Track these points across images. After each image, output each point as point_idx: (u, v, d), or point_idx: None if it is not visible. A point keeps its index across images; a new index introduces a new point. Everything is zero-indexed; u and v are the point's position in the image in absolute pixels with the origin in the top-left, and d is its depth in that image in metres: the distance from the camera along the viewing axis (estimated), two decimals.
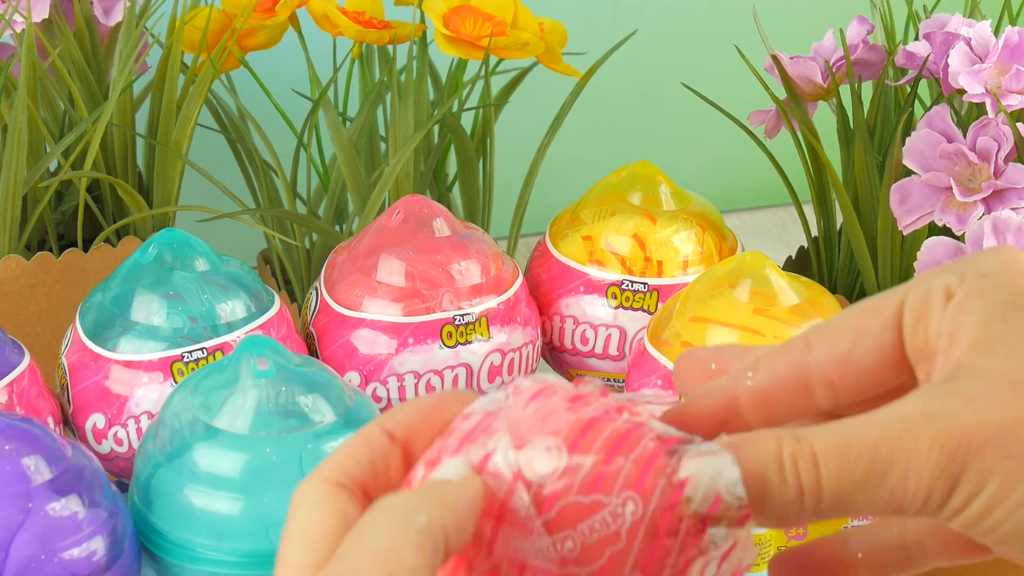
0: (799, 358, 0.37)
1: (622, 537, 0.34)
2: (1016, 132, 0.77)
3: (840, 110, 0.87)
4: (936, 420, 0.33)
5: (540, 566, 0.34)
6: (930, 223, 0.80)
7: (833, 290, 0.92)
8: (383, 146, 0.99)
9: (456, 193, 0.99)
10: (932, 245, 0.76)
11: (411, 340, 0.80)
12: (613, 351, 0.86)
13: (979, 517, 0.33)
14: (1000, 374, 0.34)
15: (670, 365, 0.77)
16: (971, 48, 0.80)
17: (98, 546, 0.65)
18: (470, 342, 0.81)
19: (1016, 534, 0.34)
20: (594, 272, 0.87)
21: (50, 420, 0.77)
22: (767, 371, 0.37)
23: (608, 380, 0.87)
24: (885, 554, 0.40)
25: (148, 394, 0.76)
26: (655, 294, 0.85)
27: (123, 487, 0.79)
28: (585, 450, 0.34)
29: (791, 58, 0.87)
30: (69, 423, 0.79)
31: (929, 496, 0.33)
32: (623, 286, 0.86)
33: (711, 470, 0.34)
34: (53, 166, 0.96)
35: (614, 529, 0.34)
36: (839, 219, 0.91)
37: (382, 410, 0.78)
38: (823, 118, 0.91)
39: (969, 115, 0.84)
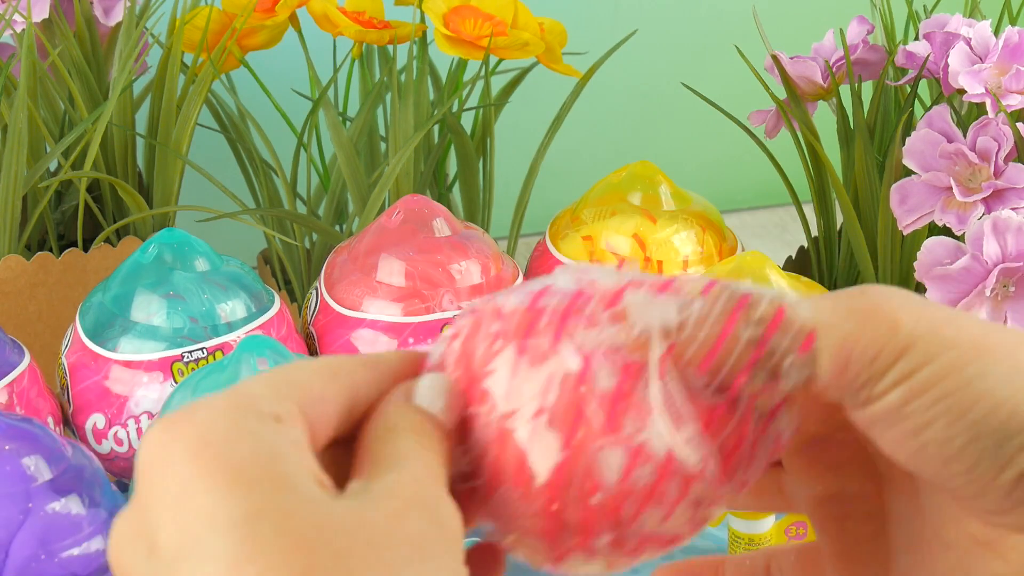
0: None
1: (687, 327, 0.35)
2: (1016, 132, 0.77)
3: (840, 110, 0.87)
4: (891, 305, 0.35)
5: (612, 350, 0.35)
6: (930, 223, 0.80)
7: (833, 290, 0.92)
8: (383, 146, 0.99)
9: (456, 193, 0.99)
10: (932, 245, 0.76)
11: (411, 340, 0.80)
12: None
13: (906, 398, 0.34)
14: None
15: None
16: (971, 48, 0.80)
17: (98, 546, 0.65)
18: None
19: (937, 440, 0.34)
20: None
21: (50, 420, 0.77)
22: None
23: None
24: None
25: (148, 394, 0.76)
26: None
27: (123, 487, 0.79)
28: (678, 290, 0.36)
29: (791, 58, 0.87)
30: (69, 423, 0.79)
31: (876, 358, 0.34)
32: None
33: (780, 296, 0.35)
34: (53, 166, 0.96)
35: (682, 318, 0.35)
36: (839, 219, 0.91)
37: None
38: (823, 118, 0.91)
39: (969, 115, 0.84)
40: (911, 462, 0.35)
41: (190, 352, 0.76)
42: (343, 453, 0.34)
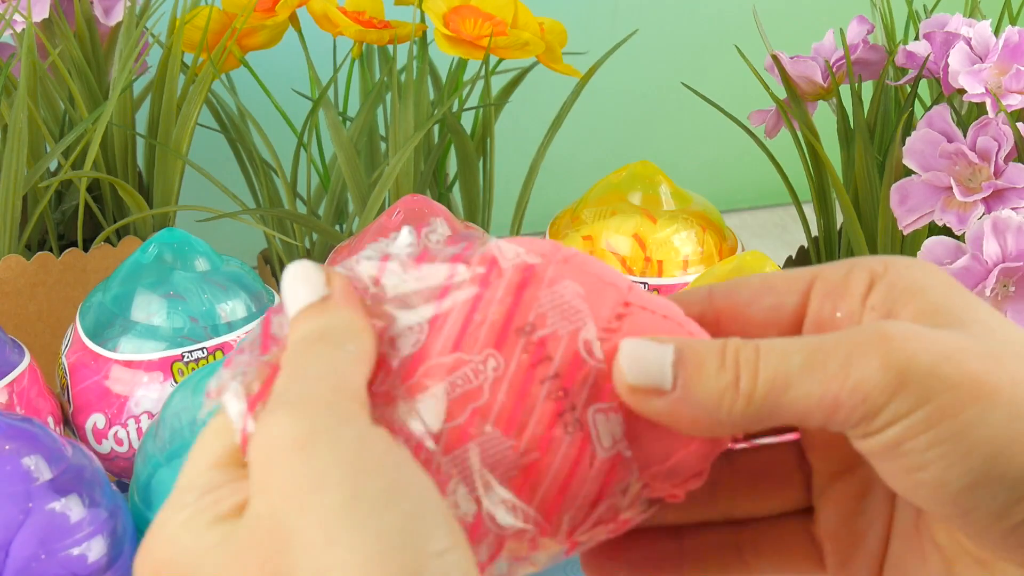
0: (700, 304, 0.37)
1: (484, 392, 0.34)
2: (1016, 132, 0.77)
3: (840, 110, 0.87)
4: (886, 336, 0.33)
5: (406, 427, 0.34)
6: (930, 223, 0.80)
7: None
8: (383, 146, 0.99)
9: (456, 193, 0.99)
10: (932, 245, 0.76)
11: None
12: None
13: (903, 437, 0.33)
14: (950, 329, 0.34)
15: None
16: (971, 48, 0.80)
17: (98, 546, 0.65)
18: None
19: (933, 482, 0.33)
20: None
21: (50, 420, 0.77)
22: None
23: None
24: (717, 552, 0.40)
25: (148, 394, 0.76)
26: (655, 294, 0.85)
27: (123, 487, 0.79)
28: (444, 319, 0.35)
29: (791, 58, 0.87)
30: (69, 423, 0.79)
31: (866, 398, 0.33)
32: None
33: (570, 329, 0.34)
34: (53, 166, 0.96)
35: (475, 385, 0.34)
36: (839, 219, 0.92)
37: None
38: (823, 118, 0.91)
39: (969, 115, 0.84)
40: (907, 496, 0.34)
41: (190, 352, 0.76)
42: None
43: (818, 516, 0.39)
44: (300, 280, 0.35)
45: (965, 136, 0.78)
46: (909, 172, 0.80)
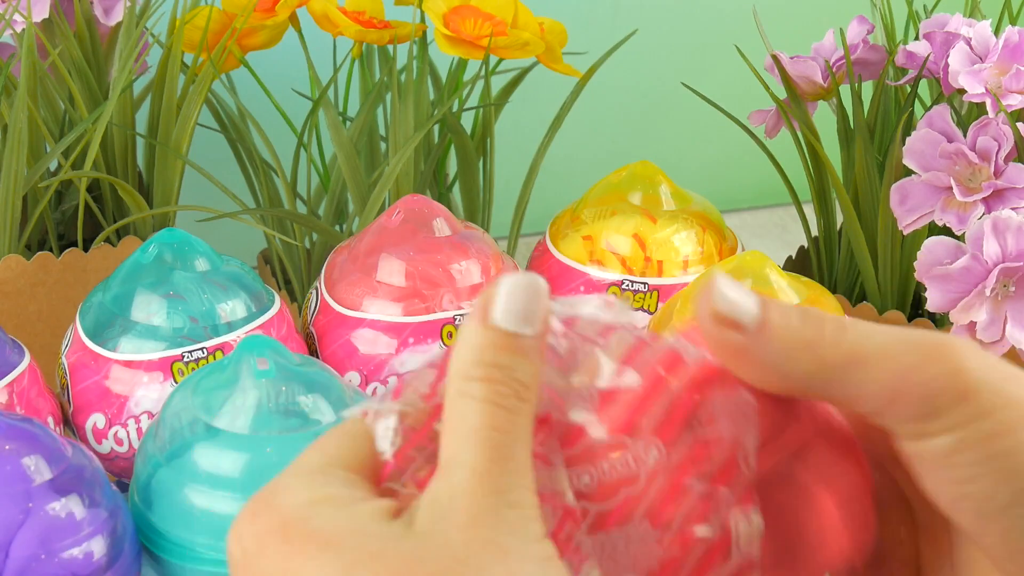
0: None
1: (640, 480, 0.34)
2: (1016, 132, 0.77)
3: (840, 110, 0.87)
4: (959, 348, 0.34)
5: (552, 497, 0.34)
6: (930, 223, 0.80)
7: (833, 290, 0.92)
8: (383, 146, 0.99)
9: (456, 193, 0.99)
10: (932, 245, 0.76)
11: (411, 340, 0.80)
12: None
13: (957, 447, 0.33)
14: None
15: None
16: (971, 48, 0.80)
17: (98, 546, 0.65)
18: None
19: (979, 496, 0.33)
20: (594, 272, 0.87)
21: (50, 420, 0.77)
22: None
23: None
24: None
25: (148, 394, 0.76)
26: (655, 294, 0.85)
27: (123, 487, 0.79)
28: (616, 396, 0.35)
29: (791, 58, 0.87)
30: (69, 423, 0.79)
31: (930, 397, 0.33)
32: (623, 286, 0.86)
33: (734, 434, 0.34)
34: (53, 166, 0.96)
35: (633, 471, 0.34)
36: (839, 219, 0.92)
37: None
38: (823, 118, 0.91)
39: (969, 115, 0.84)
40: (948, 509, 0.34)
41: (190, 352, 0.76)
42: None
43: None
44: (512, 297, 0.34)
45: (965, 136, 0.78)
46: (909, 172, 0.80)
